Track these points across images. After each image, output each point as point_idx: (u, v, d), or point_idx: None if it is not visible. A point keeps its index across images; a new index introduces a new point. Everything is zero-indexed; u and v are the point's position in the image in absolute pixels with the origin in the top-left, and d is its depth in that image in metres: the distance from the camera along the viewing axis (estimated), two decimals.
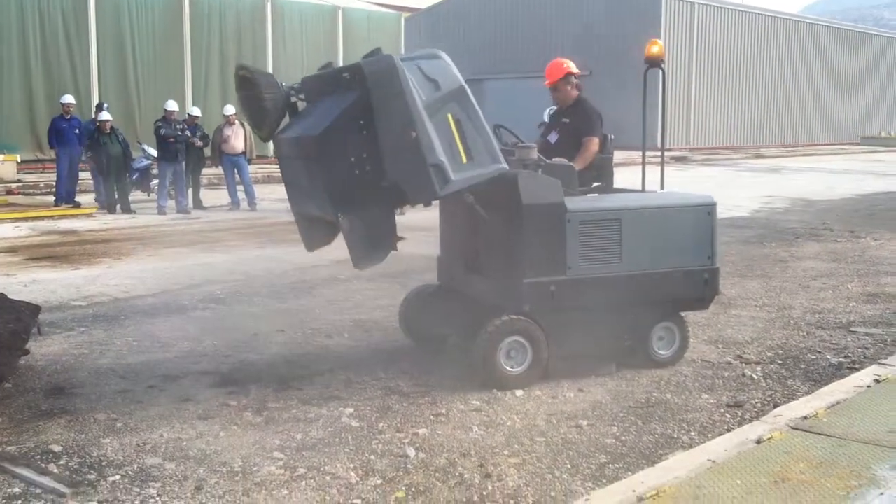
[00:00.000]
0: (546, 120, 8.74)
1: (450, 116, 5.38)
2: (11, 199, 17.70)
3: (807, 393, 5.60)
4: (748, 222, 15.26)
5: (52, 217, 15.47)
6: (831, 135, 48.90)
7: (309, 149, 5.60)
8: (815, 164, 32.52)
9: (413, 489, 4.26)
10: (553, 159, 6.39)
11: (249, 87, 5.99)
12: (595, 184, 6.83)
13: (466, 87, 5.50)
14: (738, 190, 21.30)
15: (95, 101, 22.51)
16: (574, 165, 6.41)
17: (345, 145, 5.40)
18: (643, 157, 6.85)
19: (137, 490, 4.22)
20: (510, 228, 5.80)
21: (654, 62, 6.72)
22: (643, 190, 6.78)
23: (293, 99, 6.06)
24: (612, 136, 7.09)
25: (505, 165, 5.57)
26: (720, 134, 42.41)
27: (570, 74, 6.94)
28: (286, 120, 6.13)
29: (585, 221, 5.94)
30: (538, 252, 5.82)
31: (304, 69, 28.17)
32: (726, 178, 25.83)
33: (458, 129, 5.40)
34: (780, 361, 6.49)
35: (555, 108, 7.52)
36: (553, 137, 6.97)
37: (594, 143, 6.69)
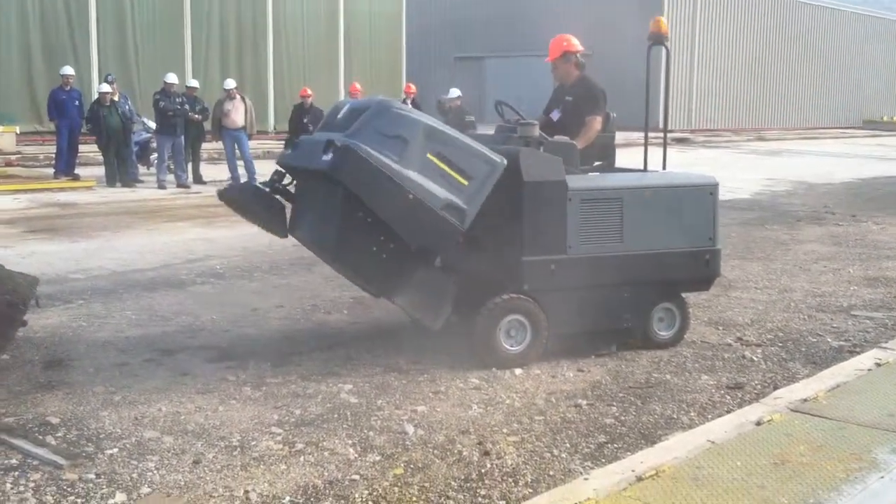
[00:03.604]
0: None
1: (430, 156, 5.37)
2: (10, 170, 17.64)
3: (807, 376, 5.58)
4: (749, 204, 15.22)
5: (51, 189, 15.41)
6: (833, 118, 48.76)
7: (330, 256, 5.83)
8: (816, 148, 32.44)
9: (412, 466, 4.25)
10: (555, 137, 6.35)
11: (236, 203, 6.10)
12: (597, 163, 6.79)
13: (429, 121, 5.50)
14: (739, 172, 21.24)
15: (95, 72, 22.43)
16: (576, 144, 6.37)
17: (361, 241, 5.48)
18: (645, 136, 6.79)
19: (135, 463, 4.20)
20: (510, 206, 5.76)
21: (658, 39, 6.64)
22: (645, 170, 6.73)
23: (279, 186, 6.08)
24: (615, 115, 7.03)
25: (502, 161, 5.56)
26: (722, 116, 42.27)
27: (568, 52, 6.85)
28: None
29: (587, 200, 5.90)
30: (538, 230, 5.78)
31: (305, 38, 28.10)
32: (728, 159, 25.76)
33: (444, 161, 5.40)
34: (780, 344, 6.47)
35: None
36: (556, 115, 6.90)
37: (597, 122, 6.63)
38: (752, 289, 8.33)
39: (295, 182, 6.17)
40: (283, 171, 6.10)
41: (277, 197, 6.09)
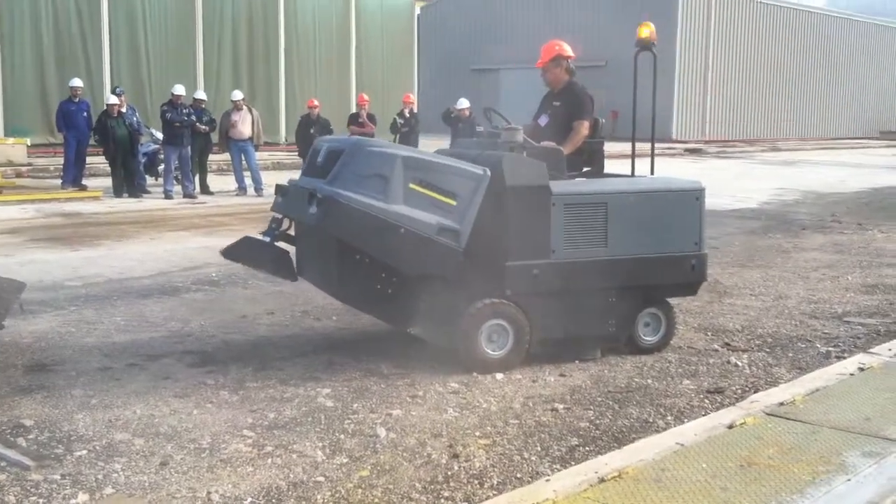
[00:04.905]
0: None
1: (412, 185, 5.44)
2: (20, 181, 17.78)
3: (790, 381, 5.52)
4: (756, 213, 15.14)
5: (58, 200, 15.51)
6: (849, 129, 48.44)
7: (338, 299, 6.18)
8: (831, 158, 32.21)
9: (378, 468, 4.23)
10: (542, 143, 6.34)
11: (241, 259, 6.32)
12: (585, 168, 6.76)
13: (403, 152, 5.61)
14: (749, 182, 21.16)
15: (108, 85, 22.59)
16: (562, 149, 6.35)
17: (364, 281, 5.61)
18: (633, 142, 6.76)
19: (102, 464, 4.21)
20: (494, 211, 5.74)
21: (645, 45, 6.63)
22: (632, 175, 6.70)
23: (278, 233, 6.19)
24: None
25: (485, 172, 5.61)
26: (736, 126, 42.08)
27: (560, 57, 6.84)
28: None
29: (570, 205, 5.88)
30: (522, 235, 5.76)
31: (316, 50, 28.21)
32: (739, 170, 25.61)
33: (427, 187, 5.48)
34: (767, 349, 6.41)
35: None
36: (543, 120, 6.88)
37: (584, 127, 6.60)
38: (746, 295, 8.26)
39: (293, 225, 6.23)
40: (280, 216, 6.18)
41: (279, 245, 6.19)
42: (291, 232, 6.29)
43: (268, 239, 6.11)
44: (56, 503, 3.81)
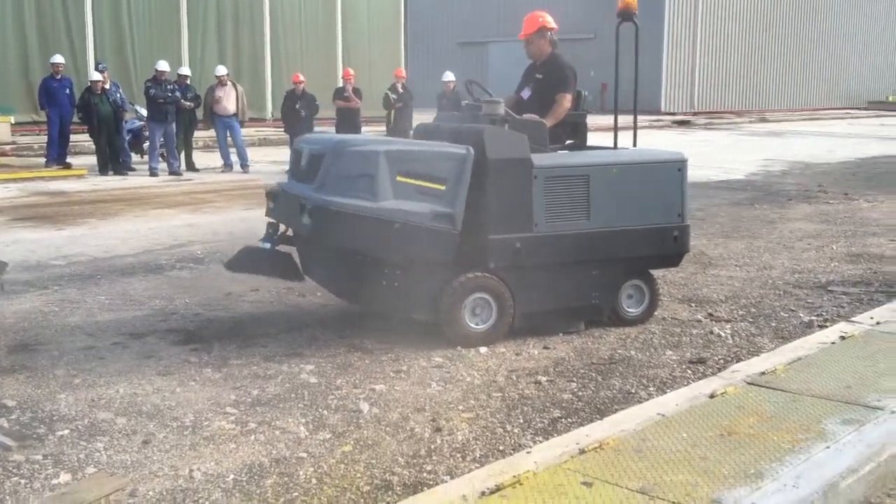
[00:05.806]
0: None
1: (399, 178, 5.43)
2: (4, 160, 17.66)
3: (772, 350, 5.54)
4: (743, 185, 15.15)
5: (42, 178, 15.41)
6: (838, 99, 48.45)
7: (347, 301, 6.24)
8: (819, 129, 32.23)
9: (361, 443, 4.23)
10: (524, 115, 6.31)
11: (247, 269, 6.30)
12: (568, 141, 6.75)
13: (384, 147, 5.58)
14: (737, 154, 21.17)
15: (92, 61, 22.38)
16: (545, 122, 6.33)
17: (368, 280, 5.61)
18: (615, 114, 6.76)
19: (84, 444, 4.20)
20: (475, 184, 5.72)
21: (627, 15, 6.59)
22: (615, 147, 6.68)
23: (277, 238, 6.16)
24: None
25: (468, 151, 5.59)
26: (724, 98, 42.02)
27: (544, 28, 6.80)
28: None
29: (552, 178, 5.86)
30: (504, 208, 5.75)
31: (302, 24, 27.99)
32: (727, 141, 25.61)
33: (414, 176, 5.47)
34: (750, 319, 6.44)
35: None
36: (526, 93, 6.85)
37: (566, 100, 6.57)
38: (731, 266, 8.28)
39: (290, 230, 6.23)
40: (279, 221, 6.18)
41: (279, 249, 6.17)
42: (290, 233, 6.26)
43: (268, 245, 6.10)
44: (38, 483, 3.80)
